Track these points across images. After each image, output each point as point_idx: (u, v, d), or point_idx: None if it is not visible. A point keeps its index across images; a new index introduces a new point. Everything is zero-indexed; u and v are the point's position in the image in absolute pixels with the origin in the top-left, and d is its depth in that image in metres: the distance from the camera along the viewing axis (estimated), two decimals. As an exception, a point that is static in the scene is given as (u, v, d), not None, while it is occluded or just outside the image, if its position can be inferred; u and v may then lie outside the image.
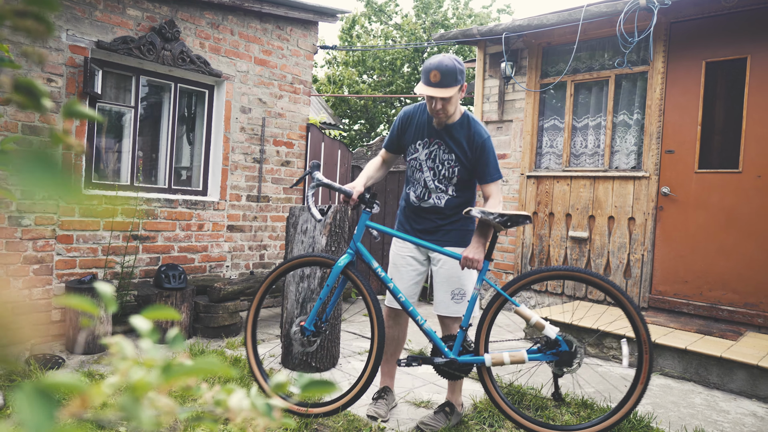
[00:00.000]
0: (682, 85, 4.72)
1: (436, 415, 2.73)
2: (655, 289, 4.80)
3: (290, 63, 5.42)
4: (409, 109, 2.73)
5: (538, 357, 2.36)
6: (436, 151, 2.64)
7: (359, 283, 2.53)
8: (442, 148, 2.62)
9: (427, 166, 2.66)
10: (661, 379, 3.67)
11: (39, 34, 0.50)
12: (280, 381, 0.43)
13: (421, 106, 2.69)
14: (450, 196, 2.68)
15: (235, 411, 0.40)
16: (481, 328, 2.46)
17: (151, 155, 4.78)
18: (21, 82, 0.49)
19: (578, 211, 5.27)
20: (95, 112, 0.55)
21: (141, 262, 4.38)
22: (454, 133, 2.60)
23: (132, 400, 0.36)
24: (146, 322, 0.43)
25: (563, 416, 2.92)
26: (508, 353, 2.37)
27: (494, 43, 5.86)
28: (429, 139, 2.65)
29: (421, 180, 2.69)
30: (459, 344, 2.46)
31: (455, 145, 2.60)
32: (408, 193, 2.79)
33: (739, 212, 4.38)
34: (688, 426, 2.87)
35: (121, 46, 4.12)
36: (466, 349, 2.49)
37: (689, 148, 4.64)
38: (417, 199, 2.73)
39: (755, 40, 4.35)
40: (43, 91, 0.52)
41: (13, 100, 0.49)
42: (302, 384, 0.42)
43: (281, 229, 5.43)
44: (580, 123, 5.40)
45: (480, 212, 2.38)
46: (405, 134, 2.71)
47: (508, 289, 2.42)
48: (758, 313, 4.23)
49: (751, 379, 3.40)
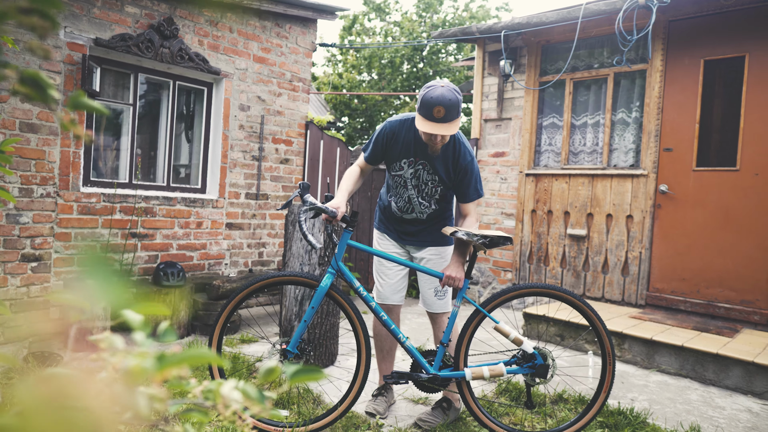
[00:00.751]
0: (680, 84, 4.72)
1: (433, 411, 2.76)
2: (653, 286, 4.82)
3: (289, 61, 5.42)
4: (395, 124, 2.63)
5: (516, 370, 2.49)
6: (421, 171, 2.64)
7: (346, 306, 2.50)
8: (427, 169, 2.62)
9: (411, 185, 2.68)
10: (657, 375, 3.68)
11: (44, 31, 0.50)
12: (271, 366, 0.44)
13: (406, 123, 2.61)
14: (432, 210, 2.74)
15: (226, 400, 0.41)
16: (461, 343, 2.53)
17: (150, 153, 4.78)
18: (26, 75, 0.50)
19: (577, 209, 5.28)
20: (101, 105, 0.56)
21: (140, 260, 4.39)
22: (440, 154, 2.59)
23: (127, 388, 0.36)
24: (138, 315, 0.44)
25: (560, 413, 2.94)
26: (487, 367, 2.47)
27: (493, 41, 5.86)
28: (414, 159, 2.62)
29: (405, 196, 2.72)
30: (439, 359, 2.53)
31: (440, 167, 2.60)
32: (389, 201, 2.81)
33: (736, 210, 4.39)
34: (684, 422, 2.89)
35: (120, 44, 4.12)
36: (445, 363, 2.56)
37: (687, 146, 4.65)
38: (399, 211, 2.77)
39: (753, 38, 4.36)
40: (49, 83, 0.53)
41: (19, 92, 0.50)
42: (290, 373, 0.43)
43: (280, 227, 5.44)
44: (579, 121, 5.40)
45: (465, 234, 2.44)
46: (390, 150, 2.66)
47: (487, 306, 2.50)
48: (755, 311, 4.25)
49: (746, 376, 3.41)
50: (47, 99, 0.55)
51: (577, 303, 2.48)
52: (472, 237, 2.43)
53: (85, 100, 0.56)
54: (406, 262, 2.61)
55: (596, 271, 5.13)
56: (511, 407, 2.94)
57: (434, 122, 2.34)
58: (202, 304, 4.25)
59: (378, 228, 2.94)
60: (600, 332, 2.49)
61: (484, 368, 2.46)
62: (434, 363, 2.53)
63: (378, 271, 2.91)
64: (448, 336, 2.53)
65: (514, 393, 3.16)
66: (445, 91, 2.33)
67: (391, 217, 2.85)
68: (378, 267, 2.90)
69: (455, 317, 2.53)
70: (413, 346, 2.56)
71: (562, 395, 3.16)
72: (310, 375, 0.43)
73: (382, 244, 2.89)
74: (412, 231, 2.80)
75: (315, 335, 3.50)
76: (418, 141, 2.57)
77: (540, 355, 2.47)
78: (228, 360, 3.49)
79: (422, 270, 2.59)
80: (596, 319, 2.49)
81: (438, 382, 2.53)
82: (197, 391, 0.42)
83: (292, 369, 0.44)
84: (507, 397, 3.13)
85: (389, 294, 2.87)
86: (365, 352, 2.50)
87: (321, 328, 3.53)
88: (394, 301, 2.88)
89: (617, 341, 3.98)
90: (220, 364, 0.38)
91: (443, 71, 15.65)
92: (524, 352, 2.47)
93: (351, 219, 2.47)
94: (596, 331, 2.51)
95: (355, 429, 2.62)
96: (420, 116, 2.38)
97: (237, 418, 0.42)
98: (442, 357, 2.54)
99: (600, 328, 2.49)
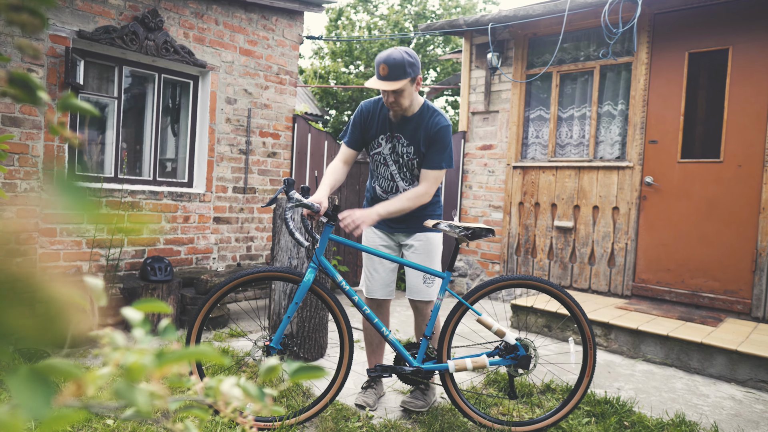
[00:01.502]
0: (665, 76, 4.77)
1: (413, 394, 2.83)
2: (639, 277, 4.88)
3: (276, 53, 5.38)
4: (368, 103, 2.71)
5: (498, 361, 2.51)
6: (398, 145, 2.67)
7: (328, 300, 2.50)
8: (401, 142, 2.66)
9: (391, 160, 2.71)
10: (643, 365, 3.74)
11: (34, 28, 0.50)
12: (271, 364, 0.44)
13: (380, 101, 2.69)
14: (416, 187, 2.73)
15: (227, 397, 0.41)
16: (444, 335, 2.55)
17: (136, 147, 4.73)
18: (16, 76, 0.49)
19: (563, 201, 5.32)
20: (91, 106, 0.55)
21: (126, 255, 4.35)
22: (412, 125, 2.63)
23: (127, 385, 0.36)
24: (138, 312, 0.44)
25: (548, 402, 2.97)
26: (470, 359, 2.49)
27: (480, 33, 5.87)
28: (390, 133, 2.67)
29: (387, 174, 2.74)
30: (423, 352, 2.55)
31: (413, 138, 2.63)
32: (374, 187, 2.83)
33: (720, 201, 4.45)
34: (670, 410, 2.94)
35: (103, 36, 4.06)
36: (429, 356, 2.58)
37: (672, 138, 4.70)
38: (384, 193, 2.78)
39: (737, 31, 4.41)
40: (38, 84, 0.52)
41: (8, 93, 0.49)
42: (291, 370, 0.43)
43: (268, 221, 5.42)
44: (566, 114, 5.44)
45: (447, 226, 2.46)
46: (369, 129, 2.71)
47: (470, 299, 2.52)
48: (738, 300, 4.33)
49: (730, 364, 3.48)
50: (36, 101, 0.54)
51: (556, 293, 2.52)
52: (453, 229, 2.44)
53: (74, 101, 0.55)
54: (392, 257, 2.59)
55: (583, 262, 5.18)
56: (497, 398, 2.98)
57: (380, 80, 2.46)
58: (190, 298, 4.23)
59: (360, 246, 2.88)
60: (579, 320, 2.54)
61: (467, 360, 2.49)
62: (417, 356, 2.55)
63: (367, 266, 2.91)
64: (431, 329, 2.55)
65: (503, 384, 3.19)
66: (392, 51, 2.47)
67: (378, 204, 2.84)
68: (367, 262, 2.90)
69: (438, 310, 2.55)
70: (396, 340, 2.57)
71: (549, 385, 3.20)
72: (311, 373, 0.44)
73: (370, 238, 2.89)
74: (400, 217, 2.77)
75: (305, 329, 3.51)
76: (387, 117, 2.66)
77: (522, 346, 2.50)
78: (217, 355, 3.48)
79: (410, 265, 2.59)
80: (575, 308, 2.54)
81: (422, 374, 2.54)
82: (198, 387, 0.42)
83: (293, 367, 0.44)
84: (495, 388, 3.16)
85: (378, 288, 2.88)
86: (348, 344, 2.52)
87: (311, 321, 3.54)
88: (383, 296, 2.89)
89: (604, 331, 4.03)
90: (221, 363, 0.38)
91: (431, 63, 15.63)
92: (507, 343, 2.50)
93: (333, 213, 2.47)
94: (576, 319, 2.56)
95: (345, 421, 2.63)
96: (373, 78, 2.51)
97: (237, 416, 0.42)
98: (425, 350, 2.56)
99: (579, 316, 2.54)
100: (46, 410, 0.34)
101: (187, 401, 0.43)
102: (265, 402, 0.42)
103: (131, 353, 0.38)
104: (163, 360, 0.38)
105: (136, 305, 0.44)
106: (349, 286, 2.53)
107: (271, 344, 2.43)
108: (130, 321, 0.44)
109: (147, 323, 0.44)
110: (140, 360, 0.37)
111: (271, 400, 0.44)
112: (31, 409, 0.34)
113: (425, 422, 2.66)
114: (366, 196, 2.95)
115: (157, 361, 0.38)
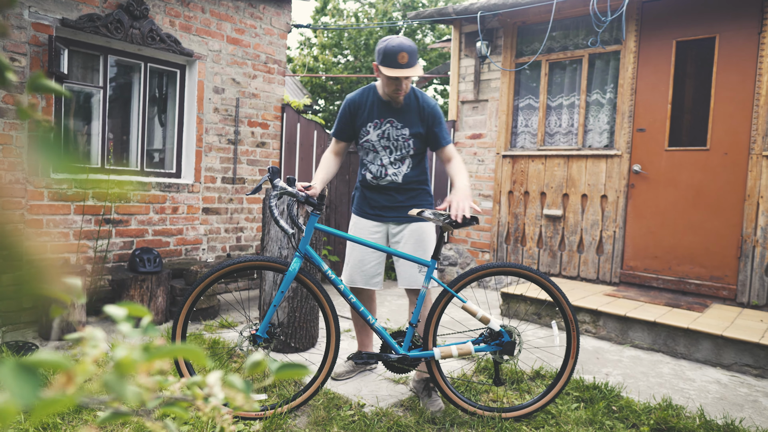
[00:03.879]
0: (653, 64, 4.79)
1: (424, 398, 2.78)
2: (627, 264, 4.93)
3: (264, 42, 5.32)
4: (355, 96, 2.77)
5: (484, 348, 2.54)
6: (388, 130, 2.71)
7: (314, 288, 2.52)
8: (394, 126, 2.70)
9: (381, 146, 2.74)
10: (631, 350, 3.79)
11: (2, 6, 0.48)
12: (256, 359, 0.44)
13: (366, 91, 2.75)
14: (407, 170, 2.77)
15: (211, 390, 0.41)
16: (430, 323, 2.57)
17: (122, 137, 4.68)
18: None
19: (552, 189, 5.35)
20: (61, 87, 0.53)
21: (114, 247, 4.32)
22: (405, 107, 2.69)
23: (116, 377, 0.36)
24: (121, 309, 0.44)
25: (538, 389, 3.01)
26: (455, 346, 2.52)
27: (470, 22, 5.84)
28: (380, 120, 2.71)
29: (376, 160, 2.77)
30: (409, 340, 2.57)
31: (407, 119, 2.69)
32: (364, 174, 2.84)
33: (706, 189, 4.50)
34: (657, 394, 2.99)
35: (88, 24, 3.99)
36: (414, 344, 2.61)
37: (660, 127, 4.73)
38: (374, 178, 2.79)
39: (724, 19, 4.43)
40: (6, 63, 0.51)
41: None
42: (275, 369, 0.43)
43: (258, 211, 5.40)
44: (555, 102, 5.45)
45: (432, 214, 2.47)
46: (356, 119, 2.76)
47: (455, 286, 2.54)
48: (723, 286, 4.39)
49: (715, 349, 3.54)
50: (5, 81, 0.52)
51: (538, 279, 2.56)
52: (438, 217, 2.45)
53: (44, 81, 0.53)
54: (381, 247, 2.59)
55: (572, 250, 5.22)
56: (485, 385, 3.00)
57: (401, 68, 2.48)
58: (179, 290, 4.21)
59: (355, 212, 2.94)
60: (561, 304, 2.58)
61: (453, 347, 2.51)
62: (404, 344, 2.57)
63: (352, 256, 2.89)
64: (416, 317, 2.56)
65: (492, 371, 3.22)
66: (403, 40, 2.49)
67: (368, 194, 2.84)
68: (352, 252, 2.89)
69: (423, 298, 2.57)
70: (382, 328, 2.59)
71: (539, 372, 3.23)
72: (295, 371, 0.44)
73: (358, 225, 2.89)
74: (390, 205, 2.79)
75: (295, 318, 3.51)
76: (380, 102, 2.69)
77: (506, 332, 2.53)
78: (207, 345, 3.48)
79: (399, 255, 2.59)
80: (557, 292, 2.58)
81: (407, 362, 2.56)
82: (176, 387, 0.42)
83: (277, 365, 0.44)
84: (486, 375, 3.19)
85: (365, 279, 2.87)
86: (334, 332, 2.54)
87: (301, 311, 3.54)
88: (370, 286, 2.88)
89: (593, 318, 4.08)
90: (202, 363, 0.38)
91: (419, 51, 15.55)
92: (491, 330, 2.54)
93: (318, 202, 2.47)
94: (558, 304, 2.60)
95: (337, 410, 2.65)
96: (386, 67, 2.50)
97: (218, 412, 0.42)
98: (411, 337, 2.58)
99: (561, 300, 2.58)
100: (35, 399, 0.34)
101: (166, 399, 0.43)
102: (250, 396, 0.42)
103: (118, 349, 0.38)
104: (151, 355, 0.38)
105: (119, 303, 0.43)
106: (335, 275, 2.54)
107: (257, 333, 2.45)
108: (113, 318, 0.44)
109: (131, 319, 0.44)
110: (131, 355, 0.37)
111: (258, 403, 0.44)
112: (20, 397, 0.34)
113: (417, 410, 2.68)
114: (357, 185, 2.95)
115: (144, 355, 0.38)
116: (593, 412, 2.67)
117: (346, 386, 2.97)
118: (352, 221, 2.95)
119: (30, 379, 0.35)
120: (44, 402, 0.36)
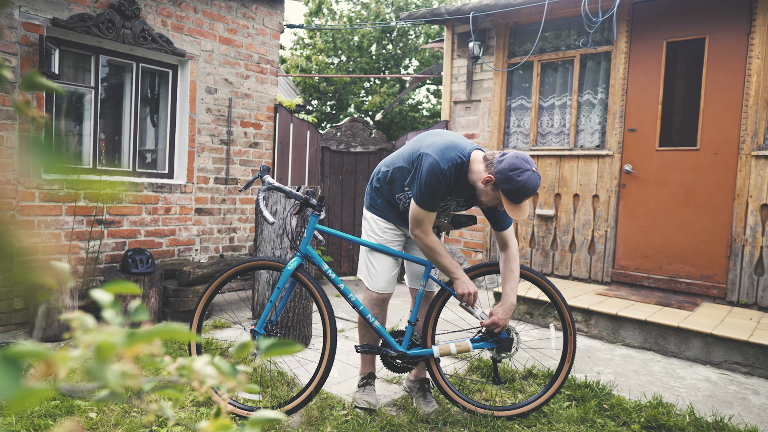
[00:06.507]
0: (644, 65, 4.82)
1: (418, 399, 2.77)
2: (618, 263, 4.96)
3: (256, 42, 5.32)
4: (448, 172, 2.39)
5: (481, 345, 2.56)
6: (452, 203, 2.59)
7: (311, 287, 2.52)
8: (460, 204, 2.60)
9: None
10: (622, 349, 3.82)
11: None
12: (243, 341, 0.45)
13: (453, 170, 2.40)
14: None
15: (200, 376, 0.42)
16: (428, 321, 2.59)
17: (114, 138, 4.66)
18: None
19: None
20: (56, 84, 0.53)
21: (107, 247, 4.30)
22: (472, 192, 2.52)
23: (98, 363, 0.37)
24: (107, 294, 0.44)
25: (530, 387, 3.02)
26: (454, 344, 2.54)
27: (462, 22, 5.86)
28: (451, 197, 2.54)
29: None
30: (408, 338, 2.58)
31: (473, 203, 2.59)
32: (398, 198, 2.62)
33: (697, 188, 4.54)
34: (648, 392, 3.01)
35: (79, 24, 3.97)
36: (413, 342, 2.62)
37: (651, 127, 4.77)
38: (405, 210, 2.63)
39: (714, 20, 4.47)
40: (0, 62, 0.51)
41: None
42: (264, 347, 0.44)
43: (251, 212, 5.39)
44: (547, 102, 5.47)
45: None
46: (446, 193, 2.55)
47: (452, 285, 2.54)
48: (713, 285, 4.43)
49: (705, 347, 3.56)
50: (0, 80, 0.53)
51: (537, 279, 2.58)
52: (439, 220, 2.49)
53: (39, 79, 0.54)
54: (382, 247, 2.57)
55: (564, 250, 5.25)
56: (480, 383, 3.02)
57: (519, 206, 2.30)
58: (172, 290, 4.20)
59: (371, 210, 2.72)
60: (560, 306, 2.59)
61: (451, 345, 2.53)
62: (403, 341, 2.58)
63: (369, 261, 2.71)
64: (415, 315, 2.58)
65: (486, 370, 3.23)
66: (537, 179, 2.28)
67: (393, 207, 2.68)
68: (370, 257, 2.70)
69: (421, 297, 2.58)
70: (382, 327, 2.60)
71: (531, 371, 3.25)
72: (285, 348, 0.44)
73: (385, 232, 2.68)
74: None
75: (288, 319, 3.51)
76: (465, 184, 2.46)
77: (504, 330, 2.55)
78: (185, 332, 3.47)
79: (398, 254, 2.60)
80: (555, 294, 2.59)
81: (407, 359, 2.57)
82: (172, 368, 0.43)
83: (266, 343, 0.45)
84: (479, 374, 3.20)
85: (389, 283, 2.68)
86: (330, 332, 2.52)
87: (294, 311, 3.54)
88: (391, 290, 2.70)
89: (584, 317, 4.10)
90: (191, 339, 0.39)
91: (411, 51, 15.58)
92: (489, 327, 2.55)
93: (318, 204, 2.51)
94: (556, 305, 2.61)
95: (330, 410, 2.65)
96: (510, 202, 2.30)
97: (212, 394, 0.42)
98: (410, 336, 2.59)
99: (560, 302, 2.59)
100: (15, 389, 0.34)
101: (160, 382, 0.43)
102: (238, 379, 0.42)
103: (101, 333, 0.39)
104: (133, 339, 0.38)
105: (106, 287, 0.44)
106: (335, 274, 2.57)
107: (255, 328, 2.52)
108: (99, 303, 0.44)
109: (117, 306, 0.44)
110: (110, 339, 0.37)
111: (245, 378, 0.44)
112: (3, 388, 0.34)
113: (409, 409, 2.69)
114: (378, 190, 2.70)
115: (127, 340, 0.38)
116: (585, 410, 2.68)
117: (339, 386, 2.97)
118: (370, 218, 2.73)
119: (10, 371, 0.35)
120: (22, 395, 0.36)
